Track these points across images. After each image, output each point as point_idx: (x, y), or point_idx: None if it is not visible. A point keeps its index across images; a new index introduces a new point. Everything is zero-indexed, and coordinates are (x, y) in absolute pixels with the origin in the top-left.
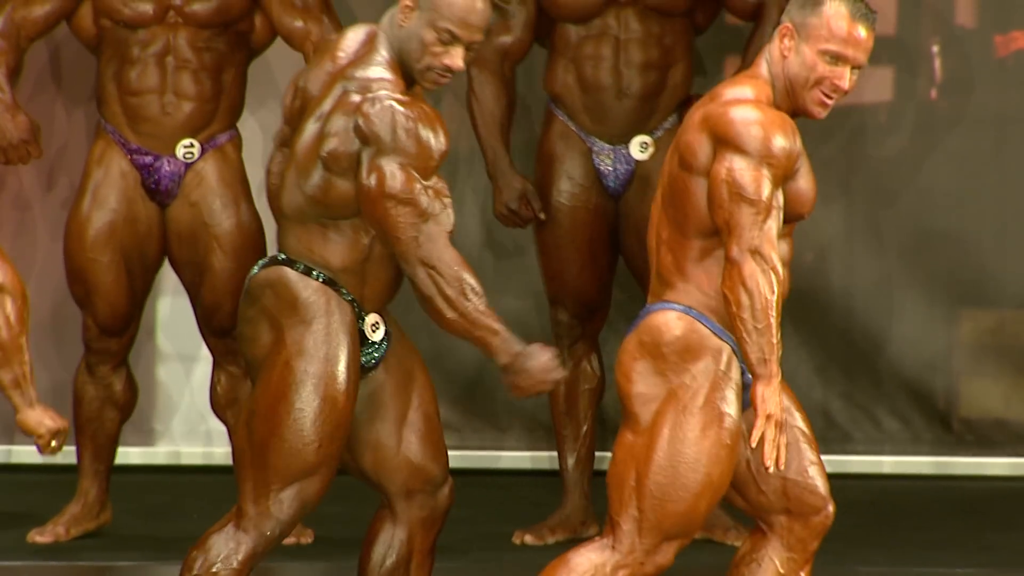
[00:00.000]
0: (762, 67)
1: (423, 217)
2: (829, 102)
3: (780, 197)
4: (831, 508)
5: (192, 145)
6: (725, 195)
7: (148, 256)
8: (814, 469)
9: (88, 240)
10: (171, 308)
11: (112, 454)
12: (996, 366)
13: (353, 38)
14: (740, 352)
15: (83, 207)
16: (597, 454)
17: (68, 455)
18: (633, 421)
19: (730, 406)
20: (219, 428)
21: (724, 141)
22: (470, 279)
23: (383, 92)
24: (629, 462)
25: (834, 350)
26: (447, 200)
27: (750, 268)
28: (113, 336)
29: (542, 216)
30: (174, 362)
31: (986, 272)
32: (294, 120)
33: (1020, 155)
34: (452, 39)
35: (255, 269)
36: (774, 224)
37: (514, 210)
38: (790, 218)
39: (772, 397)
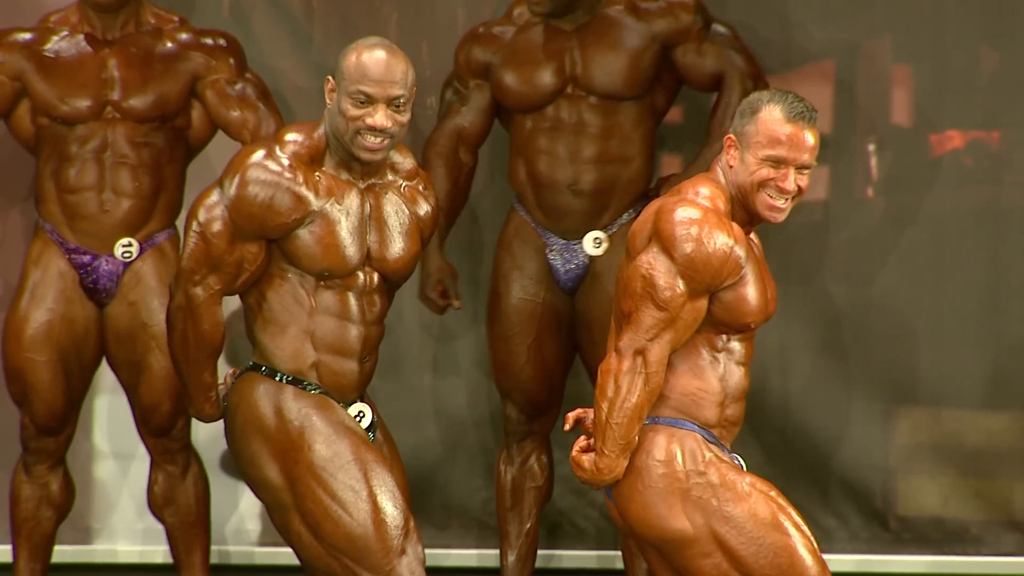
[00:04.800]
0: (718, 174)
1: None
2: (779, 204)
3: (696, 307)
4: None
5: (130, 244)
6: (638, 288)
7: (85, 356)
8: None
9: (26, 340)
10: (108, 406)
11: (48, 554)
12: (933, 464)
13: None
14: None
15: (21, 306)
16: (540, 552)
17: (4, 553)
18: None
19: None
20: (156, 527)
21: (658, 235)
22: None
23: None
24: None
25: (771, 448)
26: None
27: (629, 365)
28: (50, 435)
29: (456, 305)
30: (111, 460)
31: (923, 370)
32: None
33: (955, 253)
34: (367, 99)
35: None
36: (671, 334)
37: (428, 296)
38: (736, 327)
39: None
